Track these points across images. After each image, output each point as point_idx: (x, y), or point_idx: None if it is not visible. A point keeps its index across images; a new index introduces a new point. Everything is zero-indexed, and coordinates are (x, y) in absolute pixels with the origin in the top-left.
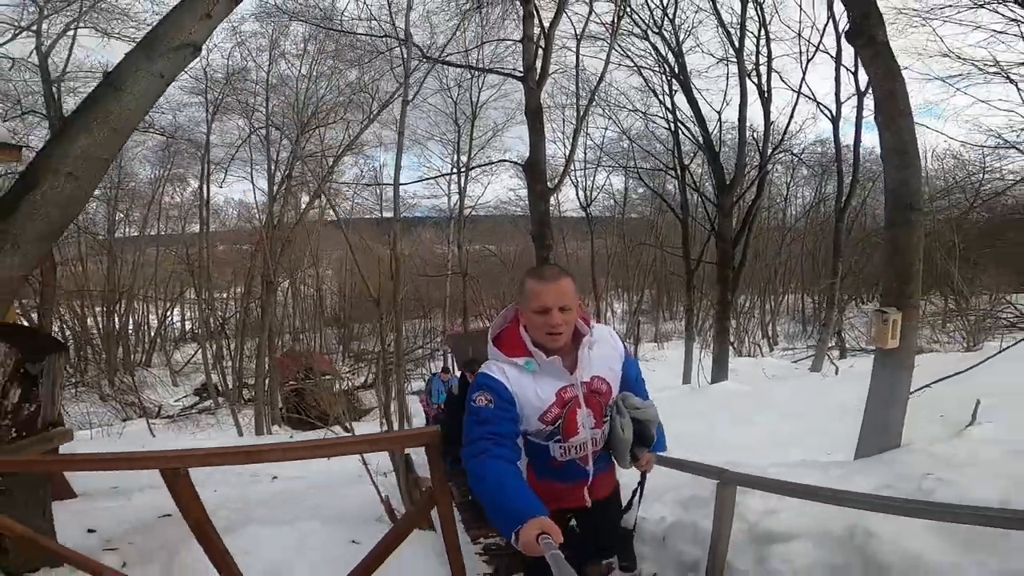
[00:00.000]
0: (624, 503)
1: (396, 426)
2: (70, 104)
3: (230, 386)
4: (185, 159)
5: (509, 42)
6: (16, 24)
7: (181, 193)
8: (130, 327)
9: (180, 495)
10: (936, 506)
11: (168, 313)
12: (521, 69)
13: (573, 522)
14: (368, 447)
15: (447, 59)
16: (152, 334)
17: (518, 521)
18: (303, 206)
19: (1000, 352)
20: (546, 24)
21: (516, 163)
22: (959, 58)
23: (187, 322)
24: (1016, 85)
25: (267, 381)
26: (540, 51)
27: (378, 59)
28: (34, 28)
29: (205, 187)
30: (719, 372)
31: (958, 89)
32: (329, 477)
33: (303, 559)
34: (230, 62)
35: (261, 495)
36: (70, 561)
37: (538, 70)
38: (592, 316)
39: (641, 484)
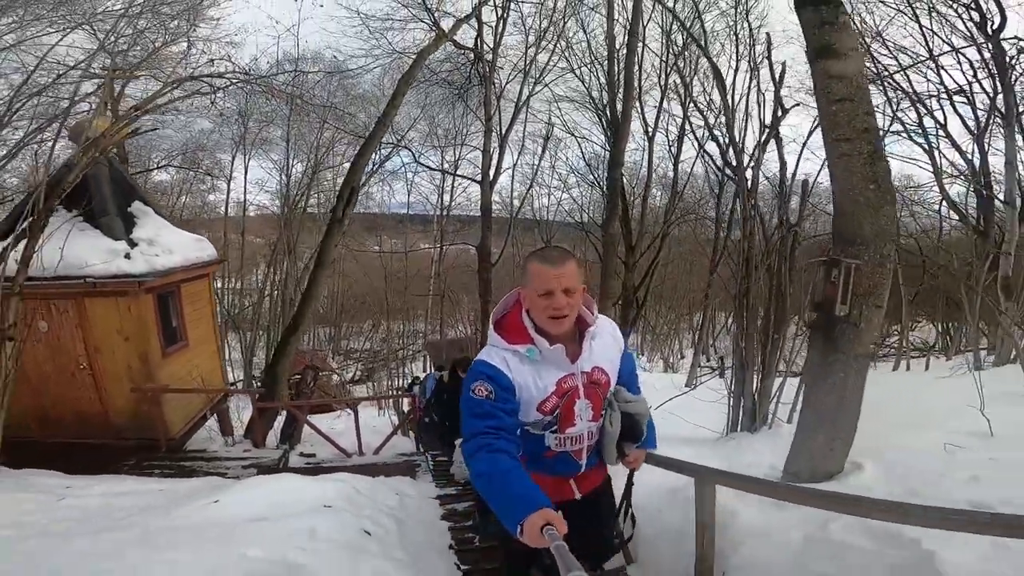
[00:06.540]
0: (618, 502)
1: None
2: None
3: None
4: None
5: (473, 148)
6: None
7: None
8: None
9: (353, 416)
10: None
11: None
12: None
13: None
14: (396, 397)
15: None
16: None
17: (523, 513)
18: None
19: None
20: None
21: (472, 246)
22: None
23: None
24: None
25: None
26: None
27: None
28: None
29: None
30: None
31: None
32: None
33: (371, 436)
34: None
35: (342, 428)
36: (314, 428)
37: (492, 174)
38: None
39: (628, 486)
